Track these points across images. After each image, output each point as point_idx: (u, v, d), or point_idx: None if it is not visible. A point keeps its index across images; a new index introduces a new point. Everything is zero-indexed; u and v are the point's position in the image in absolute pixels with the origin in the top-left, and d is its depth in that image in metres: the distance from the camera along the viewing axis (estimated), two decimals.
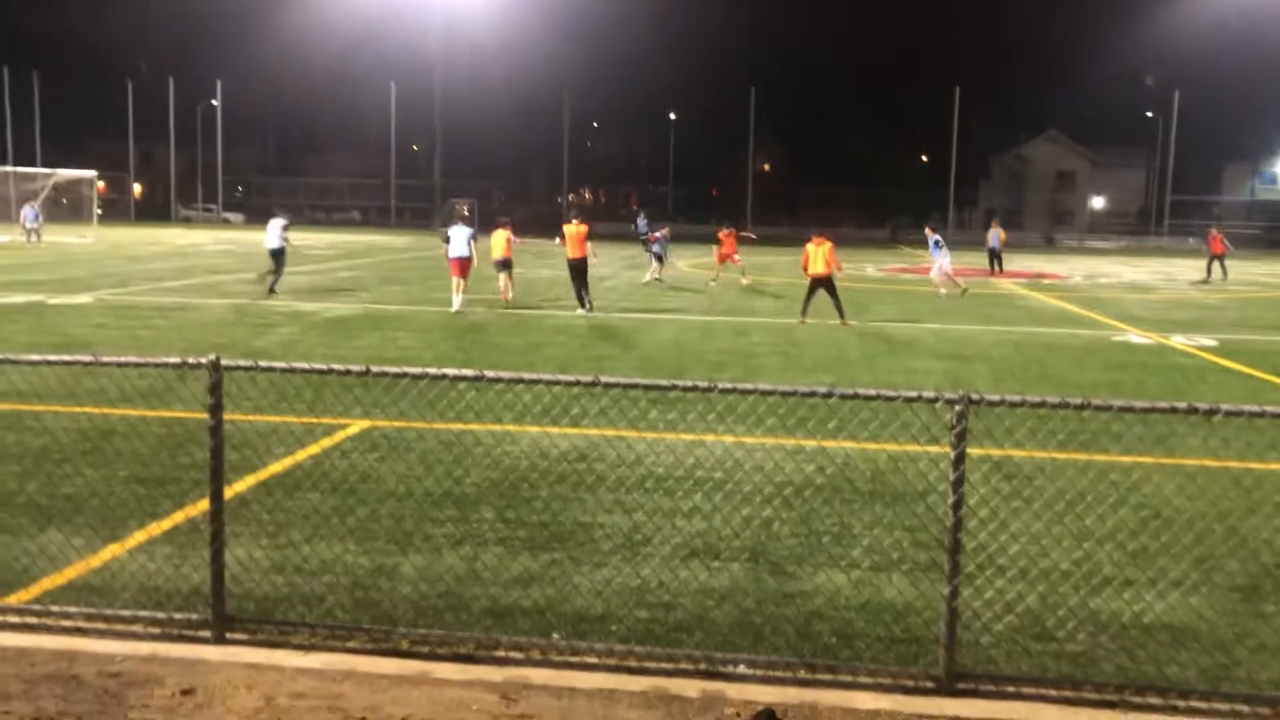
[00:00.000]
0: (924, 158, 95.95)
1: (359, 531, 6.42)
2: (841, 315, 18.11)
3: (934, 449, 7.90)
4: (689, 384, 5.08)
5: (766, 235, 53.88)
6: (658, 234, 27.74)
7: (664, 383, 5.13)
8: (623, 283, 27.60)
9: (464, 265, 19.50)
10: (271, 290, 21.20)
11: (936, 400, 4.84)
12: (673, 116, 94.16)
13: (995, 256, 33.99)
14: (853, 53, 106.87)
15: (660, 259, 26.94)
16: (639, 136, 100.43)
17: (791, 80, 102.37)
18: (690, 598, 5.51)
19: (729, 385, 5.04)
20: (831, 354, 14.83)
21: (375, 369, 5.07)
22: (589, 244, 19.48)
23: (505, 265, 20.64)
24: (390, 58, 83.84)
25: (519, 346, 14.90)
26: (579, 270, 19.37)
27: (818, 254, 18.34)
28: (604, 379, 5.00)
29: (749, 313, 20.55)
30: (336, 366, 5.09)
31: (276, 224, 21.59)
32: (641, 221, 36.29)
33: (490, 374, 5.10)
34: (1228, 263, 33.04)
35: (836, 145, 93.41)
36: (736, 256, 27.87)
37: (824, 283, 18.31)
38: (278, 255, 21.48)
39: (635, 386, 5.13)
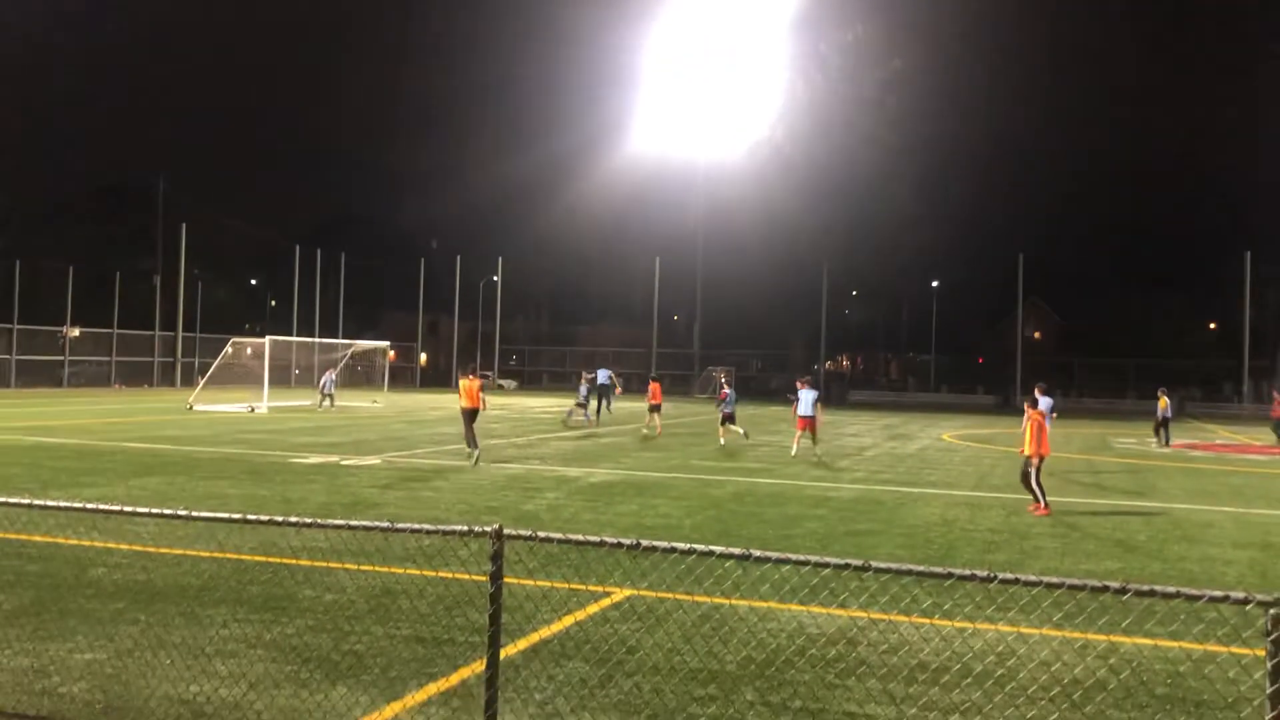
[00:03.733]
0: (1211, 326, 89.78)
1: (623, 705, 6.44)
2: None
3: (1245, 652, 7.12)
4: (966, 572, 4.88)
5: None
6: (725, 392, 28.48)
7: (939, 570, 4.95)
8: (884, 453, 27.04)
9: (810, 422, 24.66)
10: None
11: (1247, 602, 4.41)
12: (935, 284, 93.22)
13: (1160, 427, 31.61)
14: (1126, 213, 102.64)
15: (729, 419, 28.02)
16: (900, 303, 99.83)
17: (1062, 245, 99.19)
18: None
19: (1010, 576, 4.80)
20: (1116, 537, 13.81)
21: (645, 543, 5.18)
22: (482, 395, 23.03)
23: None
24: (655, 233, 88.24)
25: (776, 519, 14.78)
26: (470, 416, 22.79)
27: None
28: (875, 564, 4.90)
29: (1020, 490, 19.51)
30: (609, 539, 5.24)
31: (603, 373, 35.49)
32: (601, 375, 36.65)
33: (757, 553, 5.10)
34: None
35: (1111, 311, 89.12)
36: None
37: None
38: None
39: (908, 574, 4.97)
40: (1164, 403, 31.85)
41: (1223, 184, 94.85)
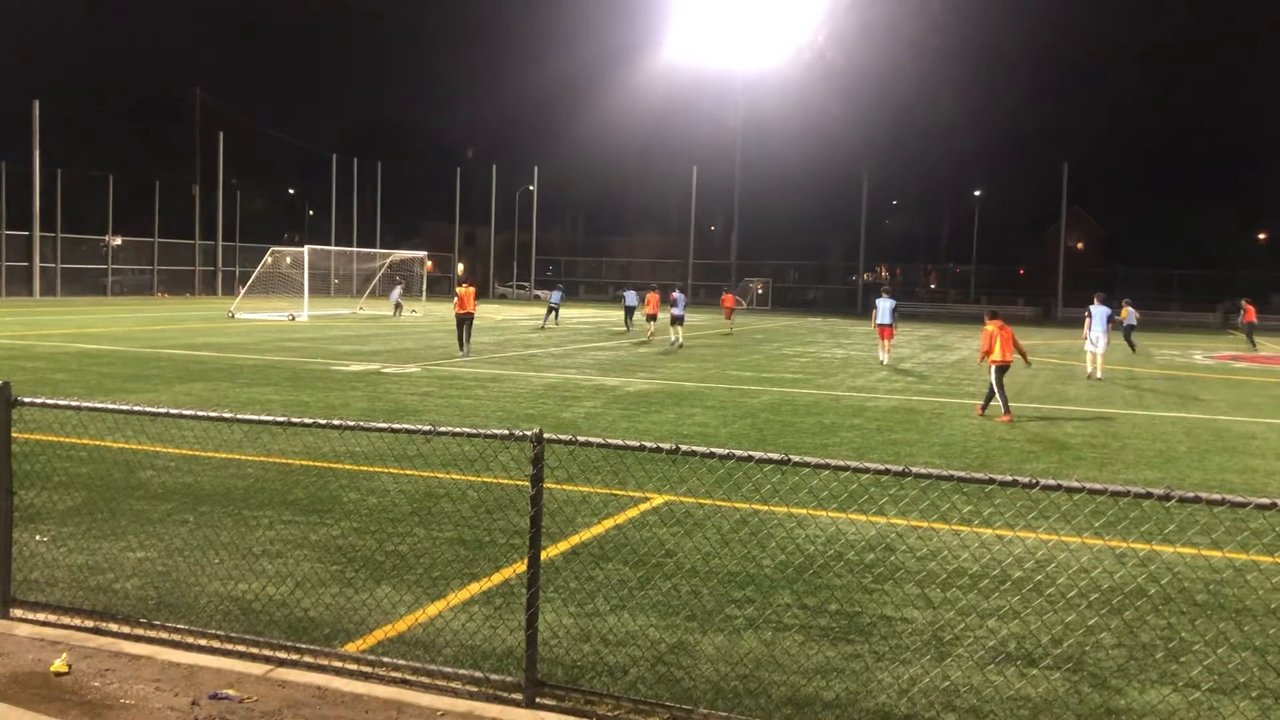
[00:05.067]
0: (1261, 236, 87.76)
1: (661, 606, 6.53)
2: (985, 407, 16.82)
3: None
4: (1008, 478, 4.85)
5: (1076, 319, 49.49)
6: (675, 295, 32.67)
7: (980, 476, 4.92)
8: (922, 364, 26.91)
9: (889, 330, 26.22)
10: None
11: None
12: (977, 194, 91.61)
13: (1126, 336, 32.04)
14: (1175, 121, 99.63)
15: (678, 320, 32.01)
16: (940, 213, 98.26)
17: (1106, 153, 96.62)
18: (1003, 706, 5.19)
19: (1052, 482, 4.76)
20: (1156, 448, 13.71)
21: (684, 448, 5.17)
22: (475, 301, 26.12)
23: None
24: (692, 143, 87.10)
25: (813, 427, 14.79)
26: (465, 321, 25.70)
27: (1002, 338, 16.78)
28: (914, 469, 4.87)
29: (1061, 399, 19.41)
30: (648, 444, 5.25)
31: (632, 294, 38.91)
32: (555, 295, 41.65)
33: (795, 459, 5.08)
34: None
35: (1157, 221, 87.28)
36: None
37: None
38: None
39: (949, 479, 4.93)
40: (1125, 312, 32.38)
41: (1275, 90, 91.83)
